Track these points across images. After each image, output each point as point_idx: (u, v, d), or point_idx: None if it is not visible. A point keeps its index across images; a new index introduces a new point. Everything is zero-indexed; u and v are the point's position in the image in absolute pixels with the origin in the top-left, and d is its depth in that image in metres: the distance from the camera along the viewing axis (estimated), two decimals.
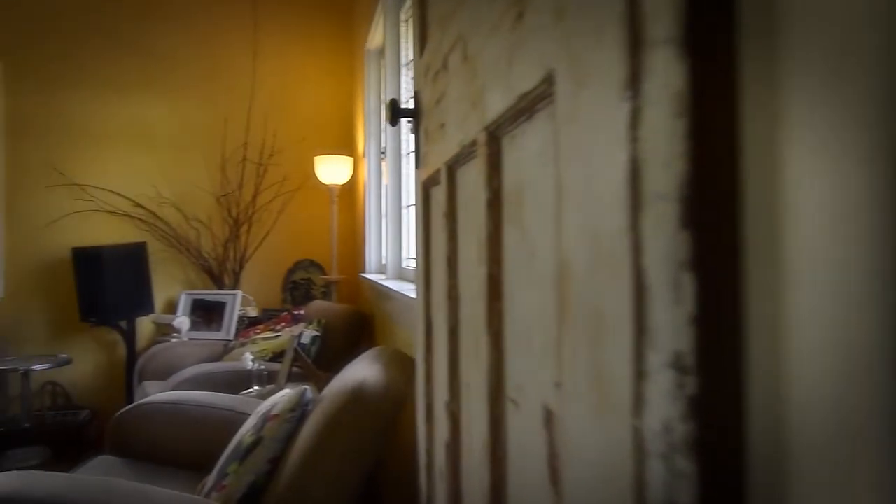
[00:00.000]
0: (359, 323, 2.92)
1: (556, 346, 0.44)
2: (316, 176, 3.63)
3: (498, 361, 0.61)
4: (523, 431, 0.55)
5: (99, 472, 1.72)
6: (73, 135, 3.71)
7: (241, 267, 3.83)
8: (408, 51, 2.58)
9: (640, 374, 0.32)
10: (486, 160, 0.62)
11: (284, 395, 1.57)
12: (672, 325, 0.30)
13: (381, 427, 1.33)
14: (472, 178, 0.71)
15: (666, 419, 0.30)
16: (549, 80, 0.44)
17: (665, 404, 0.30)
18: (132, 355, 3.55)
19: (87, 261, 3.35)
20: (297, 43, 4.01)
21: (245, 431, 1.54)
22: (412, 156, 2.57)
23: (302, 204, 3.95)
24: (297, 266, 4.02)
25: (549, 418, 0.47)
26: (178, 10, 3.83)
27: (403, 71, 2.58)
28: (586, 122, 0.39)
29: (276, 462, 1.41)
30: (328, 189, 3.62)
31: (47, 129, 3.67)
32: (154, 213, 3.77)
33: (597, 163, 0.37)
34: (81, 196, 3.68)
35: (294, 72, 4.00)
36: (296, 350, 2.29)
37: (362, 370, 1.43)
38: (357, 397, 1.30)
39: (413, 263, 2.48)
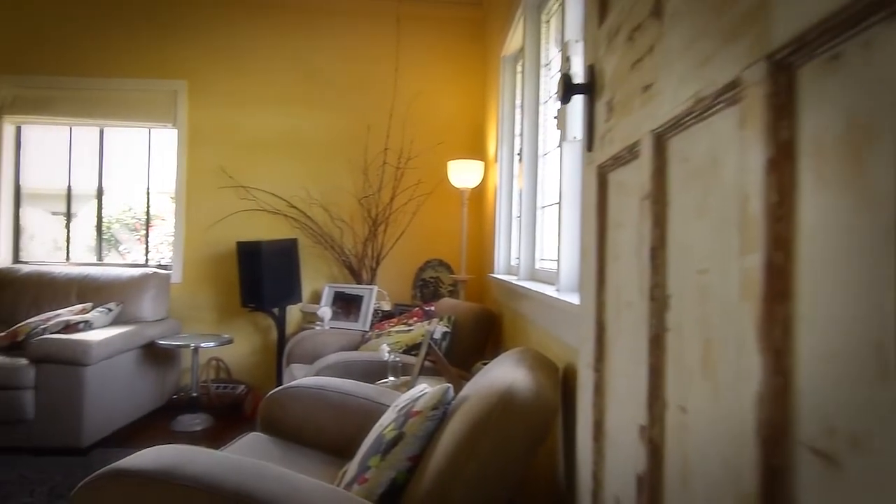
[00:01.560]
0: (487, 321, 2.76)
1: None
2: (448, 180, 3.54)
3: (780, 390, 0.39)
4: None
5: (250, 449, 1.69)
6: (240, 143, 3.91)
7: (378, 264, 3.82)
8: (548, 51, 2.38)
9: None
10: (766, 104, 0.40)
11: (426, 392, 1.42)
12: None
13: (530, 437, 1.13)
14: (722, 137, 0.49)
15: None
16: None
17: None
18: (282, 338, 3.66)
19: (249, 253, 3.49)
20: (434, 55, 3.96)
21: (385, 424, 1.42)
22: (549, 157, 2.37)
23: (434, 206, 3.89)
24: (427, 265, 3.95)
25: None
26: (332, 31, 3.92)
27: (543, 72, 2.38)
28: None
29: (417, 460, 1.27)
30: (459, 192, 3.51)
31: (220, 139, 3.90)
32: (304, 213, 3.87)
33: None
34: (245, 196, 3.87)
35: (431, 82, 3.94)
36: (430, 345, 2.16)
37: (508, 372, 1.24)
38: (506, 401, 1.11)
39: (547, 265, 2.27)
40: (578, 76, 1.61)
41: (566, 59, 1.67)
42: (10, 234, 3.95)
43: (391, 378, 2.30)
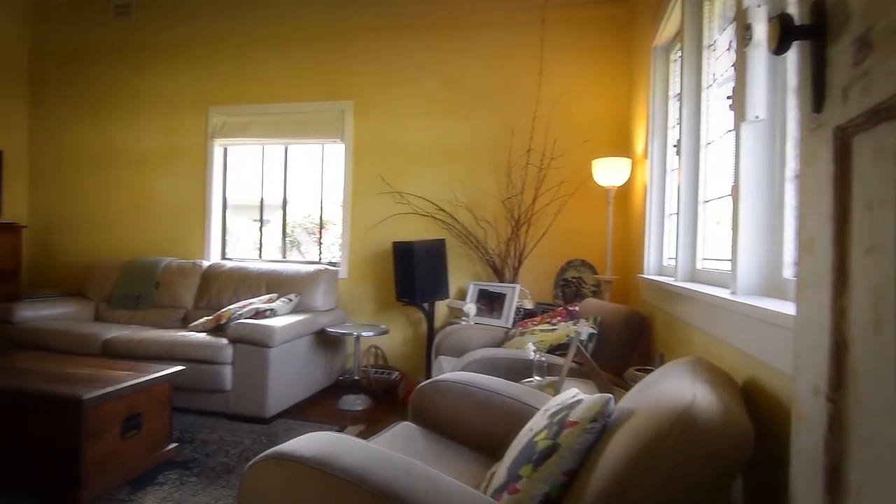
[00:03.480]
0: (637, 324, 2.42)
1: None
2: (591, 179, 3.24)
3: None
4: None
5: (401, 439, 1.61)
6: (395, 153, 3.98)
7: (520, 263, 3.64)
8: (711, 31, 2.01)
9: None
10: None
11: (580, 398, 1.21)
12: None
13: (715, 468, 0.87)
14: None
15: None
16: None
17: None
18: (431, 331, 3.65)
19: (403, 253, 3.53)
20: (577, 56, 3.67)
21: (535, 429, 1.23)
22: (714, 146, 1.99)
23: (576, 206, 3.60)
24: (569, 265, 3.67)
25: None
26: (477, 42, 3.83)
27: (705, 54, 2.01)
28: None
29: (573, 475, 1.06)
30: (604, 191, 3.19)
31: (379, 150, 4.02)
32: (451, 215, 3.83)
33: None
34: (400, 201, 3.94)
35: (574, 83, 3.66)
36: (578, 346, 1.92)
37: (684, 386, 0.98)
38: (687, 422, 0.86)
39: (710, 265, 1.91)
40: (761, 41, 1.28)
41: (746, 28, 1.34)
42: (220, 237, 4.46)
43: (536, 377, 2.10)
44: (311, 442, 1.11)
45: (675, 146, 2.48)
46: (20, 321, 3.49)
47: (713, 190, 1.94)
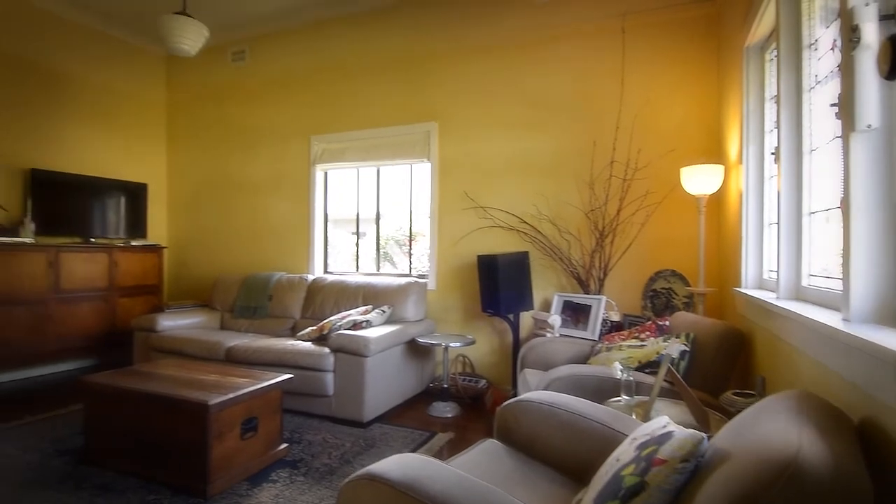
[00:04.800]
0: (734, 342, 2.20)
1: None
2: (680, 186, 3.02)
3: None
4: None
5: (486, 458, 1.59)
6: (478, 169, 3.99)
7: (605, 274, 3.48)
8: (812, 29, 1.79)
9: None
10: None
11: (670, 430, 1.12)
12: None
13: None
14: None
15: None
16: None
17: None
18: (517, 341, 3.59)
19: (487, 265, 3.51)
20: (660, 62, 3.45)
21: (623, 461, 1.16)
22: (816, 154, 1.77)
23: (664, 215, 3.37)
24: (658, 275, 3.44)
25: None
26: (556, 55, 3.73)
27: (805, 54, 1.80)
28: None
29: None
30: (694, 199, 2.96)
31: (463, 167, 4.05)
32: (535, 228, 3.75)
33: None
34: (483, 216, 3.93)
35: (658, 90, 3.44)
36: (669, 367, 1.79)
37: (787, 429, 0.87)
38: (791, 476, 0.76)
39: (819, 281, 1.69)
40: (871, 43, 1.11)
41: (852, 29, 1.18)
42: (322, 253, 4.74)
43: (624, 397, 1.99)
44: (398, 464, 1.13)
45: (772, 153, 2.23)
46: (162, 330, 3.94)
47: (819, 201, 1.72)
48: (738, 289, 2.43)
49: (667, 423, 1.24)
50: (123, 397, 2.43)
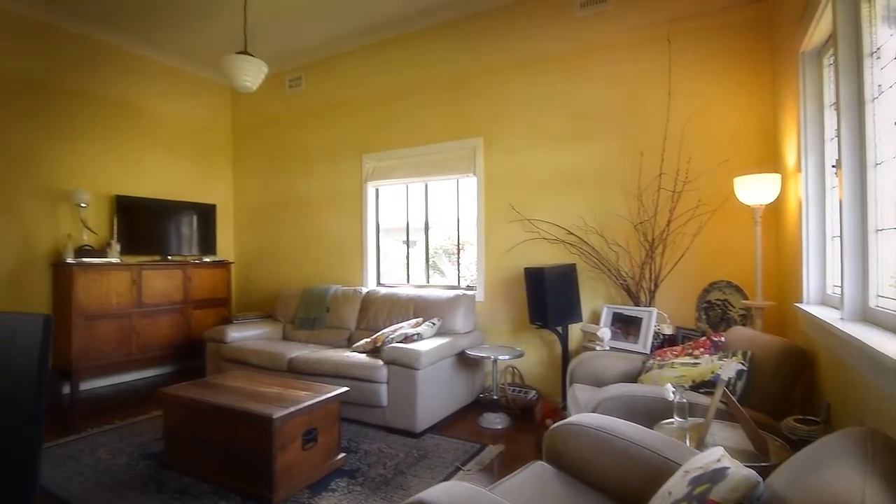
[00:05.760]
0: (795, 363, 2.06)
1: None
2: (734, 196, 2.87)
3: None
4: None
5: (536, 481, 1.58)
6: (524, 182, 3.96)
7: (656, 286, 3.36)
8: (873, 35, 1.67)
9: None
10: None
11: (724, 465, 1.07)
12: None
13: None
14: None
15: None
16: None
17: None
18: (565, 353, 3.53)
19: (534, 278, 3.48)
20: (709, 69, 3.30)
21: (675, 496, 1.12)
22: (882, 167, 1.64)
23: (718, 225, 3.22)
24: (713, 286, 3.28)
25: None
26: (600, 67, 3.65)
27: (867, 62, 1.67)
28: None
29: None
30: (749, 209, 2.81)
31: (508, 180, 4.03)
32: (582, 240, 3.68)
33: None
34: (530, 228, 3.90)
35: (707, 98, 3.29)
36: (725, 391, 1.71)
37: (851, 480, 0.81)
38: None
39: (888, 303, 1.56)
40: None
41: None
42: (375, 265, 4.85)
43: (677, 419, 1.92)
44: (448, 494, 1.15)
45: (833, 165, 2.09)
46: (230, 341, 4.17)
47: (888, 217, 1.59)
48: (798, 304, 2.28)
49: (721, 455, 1.19)
50: (197, 408, 2.60)
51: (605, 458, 1.56)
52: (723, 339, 2.50)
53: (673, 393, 1.90)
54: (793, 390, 2.04)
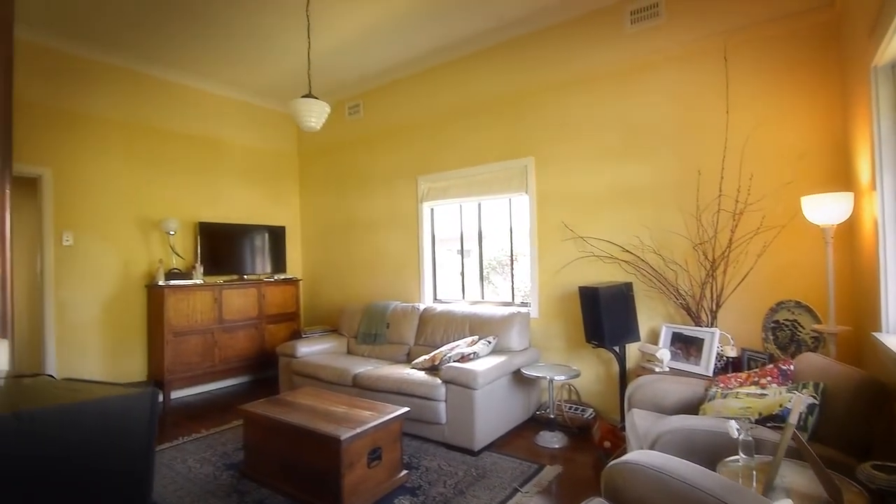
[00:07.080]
0: (873, 397, 1.90)
1: None
2: (801, 215, 2.69)
3: None
4: None
5: None
6: (576, 200, 3.91)
7: (718, 306, 3.20)
8: None
9: None
10: None
11: None
12: None
13: None
14: None
15: None
16: None
17: None
18: (623, 373, 3.44)
19: (588, 297, 3.42)
20: (770, 82, 3.11)
21: None
22: None
23: (785, 243, 3.03)
24: (780, 305, 3.08)
25: None
26: (654, 83, 3.54)
27: None
28: None
29: None
30: (819, 229, 2.62)
31: (560, 198, 3.99)
32: (638, 258, 3.57)
33: None
34: (584, 247, 3.84)
35: (769, 111, 3.10)
36: (795, 433, 1.61)
37: None
38: None
39: None
40: None
41: None
42: (431, 281, 4.95)
43: (742, 456, 1.83)
44: None
45: None
46: (300, 356, 4.39)
47: None
48: (876, 334, 2.11)
49: None
50: (271, 426, 2.77)
51: (665, 500, 1.52)
52: (792, 366, 2.34)
53: (737, 430, 1.81)
54: (872, 427, 1.88)
